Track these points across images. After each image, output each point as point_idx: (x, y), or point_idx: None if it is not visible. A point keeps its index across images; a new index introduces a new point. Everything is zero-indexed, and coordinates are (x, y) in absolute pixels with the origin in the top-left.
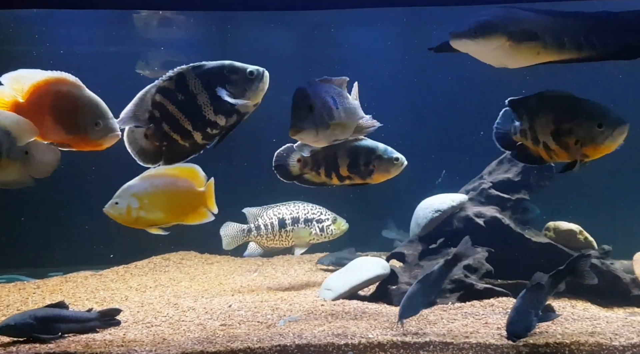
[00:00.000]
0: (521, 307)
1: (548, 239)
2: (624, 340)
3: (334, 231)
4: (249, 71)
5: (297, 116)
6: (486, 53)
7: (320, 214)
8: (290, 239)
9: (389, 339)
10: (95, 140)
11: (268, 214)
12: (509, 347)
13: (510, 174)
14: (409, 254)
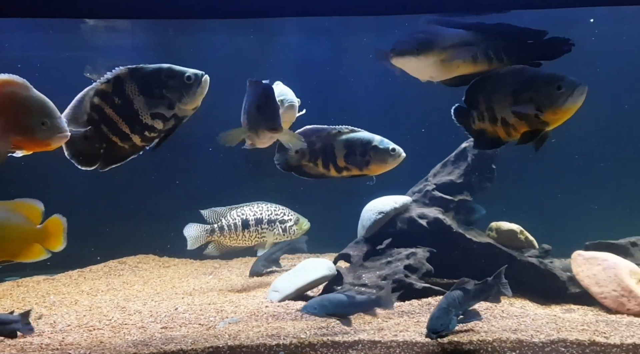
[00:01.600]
0: (442, 306)
1: (490, 239)
2: (544, 337)
3: (297, 231)
4: (186, 76)
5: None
6: (422, 68)
7: (283, 214)
8: (253, 239)
9: (319, 339)
10: (43, 140)
11: (232, 214)
12: (435, 345)
13: (453, 176)
14: (354, 255)
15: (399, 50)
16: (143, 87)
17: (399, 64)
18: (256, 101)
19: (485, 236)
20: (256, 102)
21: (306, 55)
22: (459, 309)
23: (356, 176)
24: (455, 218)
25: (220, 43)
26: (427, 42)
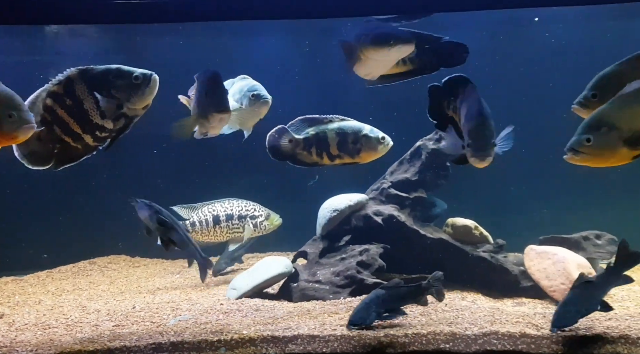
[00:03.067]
0: (365, 301)
1: (446, 235)
2: (477, 329)
3: (268, 226)
4: (134, 76)
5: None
6: (387, 62)
7: (254, 210)
8: (224, 235)
9: (260, 334)
10: (10, 132)
11: (203, 211)
12: (371, 338)
13: (409, 174)
14: (310, 253)
15: (378, 40)
16: (92, 88)
17: (372, 54)
18: (204, 86)
19: (442, 232)
20: (204, 88)
21: (269, 56)
22: (380, 306)
23: (347, 163)
24: (411, 215)
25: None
26: (404, 36)
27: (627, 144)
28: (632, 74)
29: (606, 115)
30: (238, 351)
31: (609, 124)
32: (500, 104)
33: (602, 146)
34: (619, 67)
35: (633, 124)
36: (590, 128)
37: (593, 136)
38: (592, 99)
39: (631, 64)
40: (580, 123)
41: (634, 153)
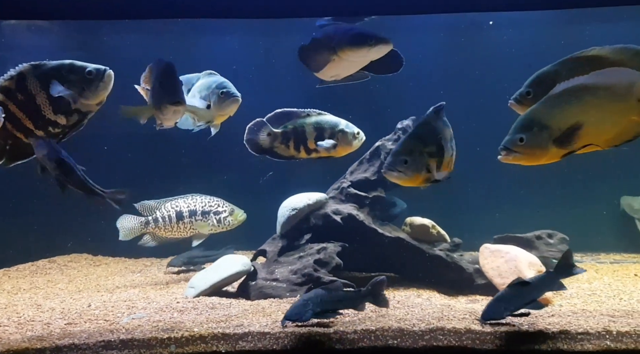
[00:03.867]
0: (302, 298)
1: (405, 233)
2: (425, 325)
3: (232, 221)
4: (87, 71)
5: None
6: (361, 63)
7: (217, 206)
8: (188, 231)
9: (211, 331)
10: None
11: (166, 206)
12: (321, 335)
13: (368, 173)
14: (269, 251)
15: (357, 40)
16: (45, 83)
17: (349, 55)
18: (158, 78)
19: (401, 231)
20: (158, 79)
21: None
22: (318, 306)
23: (323, 157)
24: (370, 214)
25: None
26: (382, 36)
27: (557, 143)
28: (566, 74)
29: (537, 115)
30: (188, 348)
31: (540, 124)
32: (458, 106)
33: (534, 146)
34: (554, 67)
35: (561, 123)
36: (522, 128)
37: (526, 135)
38: (527, 96)
39: (566, 64)
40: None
41: (562, 152)
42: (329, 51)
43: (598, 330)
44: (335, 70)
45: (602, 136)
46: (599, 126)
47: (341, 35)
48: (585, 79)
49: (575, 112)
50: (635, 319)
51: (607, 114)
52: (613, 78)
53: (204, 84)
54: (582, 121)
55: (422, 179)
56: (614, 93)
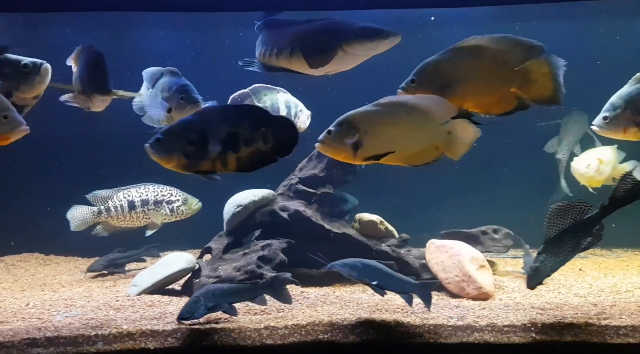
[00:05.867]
0: (195, 295)
1: (354, 230)
2: (355, 319)
3: (185, 211)
4: (23, 63)
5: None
6: (366, 57)
7: (170, 195)
8: (141, 220)
9: (139, 328)
10: (3, 134)
11: (118, 196)
12: (252, 331)
13: (317, 170)
14: (215, 248)
15: (367, 33)
16: None
17: (356, 49)
18: (88, 66)
19: (349, 227)
20: (88, 67)
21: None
22: (210, 301)
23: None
24: (319, 210)
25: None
26: (390, 29)
27: (356, 143)
28: (448, 63)
29: (352, 114)
30: (116, 345)
31: (351, 124)
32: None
33: (338, 140)
34: (437, 57)
35: (369, 128)
36: (336, 123)
37: (334, 129)
38: (412, 84)
39: (448, 53)
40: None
41: (362, 155)
42: (333, 45)
43: (524, 323)
44: (337, 65)
45: (405, 152)
46: (404, 142)
47: (346, 29)
48: (408, 98)
49: (385, 122)
50: (563, 312)
51: (415, 134)
52: (434, 104)
53: (165, 84)
54: (389, 133)
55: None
56: (428, 118)
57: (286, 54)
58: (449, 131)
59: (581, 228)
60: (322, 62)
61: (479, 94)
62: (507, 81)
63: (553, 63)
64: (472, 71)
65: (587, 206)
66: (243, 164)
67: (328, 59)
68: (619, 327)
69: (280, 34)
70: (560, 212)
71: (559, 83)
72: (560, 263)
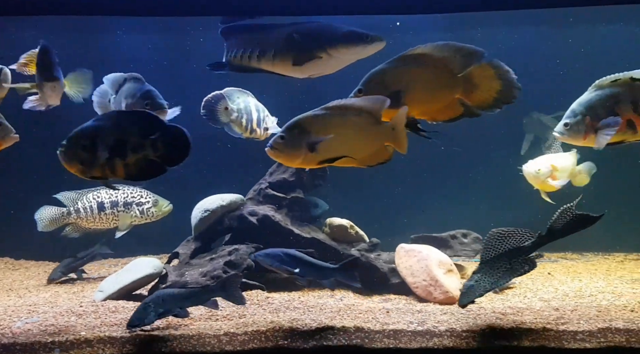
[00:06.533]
0: (145, 301)
1: (324, 234)
2: (316, 325)
3: (156, 213)
4: None
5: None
6: (350, 61)
7: (140, 197)
8: (110, 221)
9: (97, 335)
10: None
11: (88, 197)
12: (211, 337)
13: (287, 174)
14: (182, 253)
15: (352, 38)
16: None
17: (342, 53)
18: (38, 57)
19: (319, 231)
20: (38, 58)
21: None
22: (159, 306)
23: (255, 139)
24: (288, 215)
25: None
26: (377, 35)
27: (309, 148)
28: (394, 72)
29: (302, 119)
30: (73, 352)
31: (302, 127)
32: None
33: (290, 146)
34: (384, 66)
35: (320, 132)
36: (286, 128)
37: (286, 135)
38: (359, 94)
39: (394, 63)
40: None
41: (317, 158)
42: (317, 49)
43: (483, 328)
44: (321, 69)
45: (357, 154)
46: (355, 144)
47: (332, 33)
48: (354, 101)
49: (335, 125)
50: (523, 317)
51: (365, 135)
52: (377, 104)
53: (129, 90)
54: (339, 135)
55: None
56: (374, 118)
57: (269, 56)
58: (392, 128)
59: (517, 254)
60: (307, 66)
61: (424, 101)
62: (451, 88)
63: (497, 65)
64: (417, 79)
65: (528, 234)
66: (130, 172)
67: (314, 62)
68: (577, 332)
69: (261, 37)
70: (500, 236)
71: (510, 80)
72: (494, 285)
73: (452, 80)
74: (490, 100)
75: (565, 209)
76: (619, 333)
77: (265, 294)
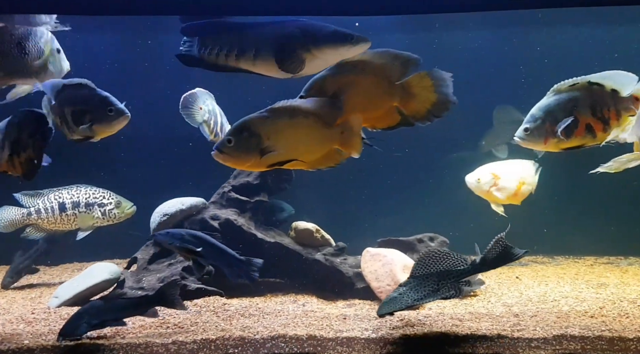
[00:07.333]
0: (78, 311)
1: (290, 238)
2: (267, 333)
3: (118, 214)
4: None
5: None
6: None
7: (102, 198)
8: (72, 223)
9: (40, 344)
10: None
11: (49, 197)
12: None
13: (251, 177)
14: (140, 258)
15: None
16: None
17: (325, 53)
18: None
19: (284, 235)
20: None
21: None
22: (93, 317)
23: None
24: (252, 219)
25: None
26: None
27: (260, 152)
28: (334, 78)
29: (251, 122)
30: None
31: (251, 131)
32: None
33: (240, 149)
34: (326, 72)
35: (270, 134)
36: (234, 131)
37: (234, 138)
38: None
39: (335, 69)
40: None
41: (267, 161)
42: (301, 49)
43: (437, 335)
44: (304, 70)
45: (307, 156)
46: (305, 146)
47: (317, 33)
48: (301, 102)
49: (284, 127)
50: (479, 323)
51: (315, 137)
52: (325, 106)
53: (84, 97)
54: (291, 138)
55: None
56: (323, 120)
57: (249, 56)
58: (341, 131)
59: (447, 277)
60: (290, 67)
61: (364, 108)
62: (389, 96)
63: (436, 76)
64: (356, 86)
65: (462, 260)
66: (24, 168)
67: (297, 63)
68: (532, 339)
69: (239, 35)
70: (435, 256)
71: (445, 95)
72: (416, 302)
73: (390, 88)
74: (423, 111)
75: (498, 239)
76: (574, 340)
77: (223, 300)
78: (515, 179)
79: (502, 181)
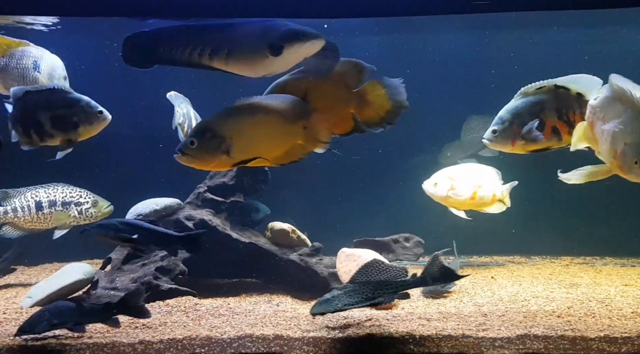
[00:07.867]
0: (42, 309)
1: (265, 239)
2: (234, 332)
3: (95, 213)
4: None
5: None
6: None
7: (79, 197)
8: (49, 222)
9: (7, 343)
10: None
11: (25, 196)
12: (125, 345)
13: (226, 178)
14: (114, 259)
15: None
16: None
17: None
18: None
19: (260, 236)
20: None
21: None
22: (55, 317)
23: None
24: (228, 219)
25: None
26: (315, 33)
27: (225, 152)
28: (296, 83)
29: (212, 123)
30: None
31: (213, 131)
32: None
33: (203, 151)
34: (288, 76)
35: (233, 134)
36: (196, 132)
37: (197, 140)
38: None
39: (297, 74)
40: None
41: (232, 161)
42: (263, 49)
43: (403, 334)
44: (273, 68)
45: (271, 153)
46: (269, 143)
47: (273, 32)
48: (262, 98)
49: (246, 125)
50: (446, 323)
51: (277, 134)
52: (286, 102)
53: (67, 100)
54: (254, 136)
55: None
56: (284, 116)
57: (222, 55)
58: (304, 127)
59: (384, 287)
60: (258, 66)
61: (323, 113)
62: (346, 102)
63: (387, 84)
64: (316, 92)
65: (403, 274)
66: None
67: (264, 62)
68: (495, 339)
69: (211, 34)
70: (377, 267)
71: (399, 102)
72: (349, 306)
73: (348, 95)
74: (376, 118)
75: (435, 256)
76: (537, 339)
77: (195, 300)
78: (470, 185)
79: (458, 185)
